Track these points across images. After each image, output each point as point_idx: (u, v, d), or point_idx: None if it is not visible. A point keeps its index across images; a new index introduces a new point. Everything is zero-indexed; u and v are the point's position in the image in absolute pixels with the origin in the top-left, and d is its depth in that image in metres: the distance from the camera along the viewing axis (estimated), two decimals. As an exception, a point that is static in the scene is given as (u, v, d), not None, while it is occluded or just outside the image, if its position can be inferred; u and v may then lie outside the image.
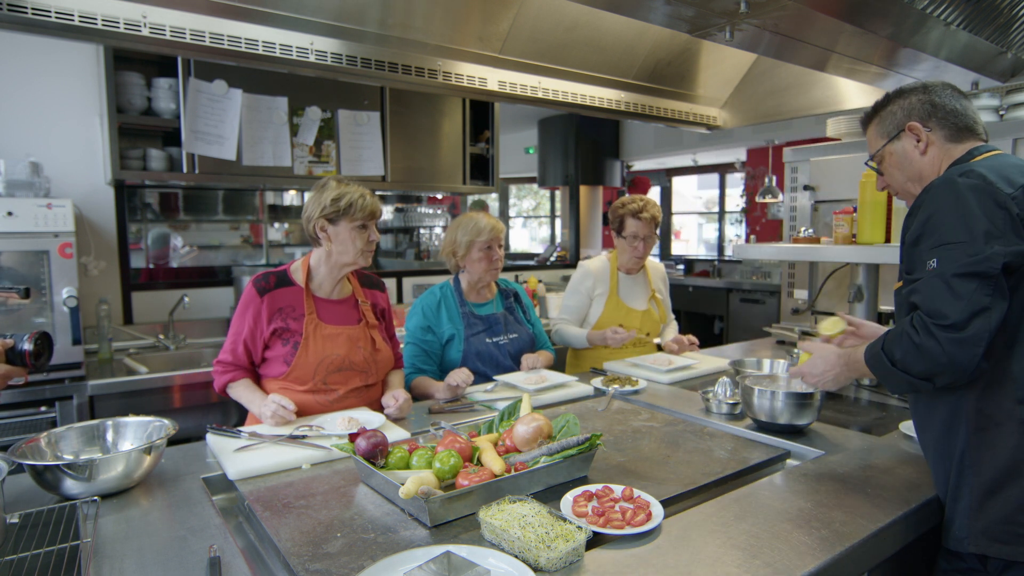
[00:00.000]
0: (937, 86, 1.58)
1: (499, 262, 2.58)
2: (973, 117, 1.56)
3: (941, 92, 1.57)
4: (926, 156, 1.57)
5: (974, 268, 1.32)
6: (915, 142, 1.57)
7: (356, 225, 2.04)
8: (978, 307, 1.31)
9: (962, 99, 1.57)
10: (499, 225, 2.59)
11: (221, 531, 1.32)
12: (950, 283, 1.34)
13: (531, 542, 1.15)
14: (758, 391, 1.90)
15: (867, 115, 1.69)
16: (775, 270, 6.63)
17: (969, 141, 1.54)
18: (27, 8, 1.97)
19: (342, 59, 2.56)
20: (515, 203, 12.67)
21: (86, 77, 3.33)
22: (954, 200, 1.38)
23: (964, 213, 1.36)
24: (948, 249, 1.36)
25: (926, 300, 1.38)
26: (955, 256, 1.35)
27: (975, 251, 1.33)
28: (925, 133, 1.55)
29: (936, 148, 1.56)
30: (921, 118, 1.56)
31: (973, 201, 1.36)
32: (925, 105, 1.56)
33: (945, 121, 1.54)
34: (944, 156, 1.55)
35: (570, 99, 3.29)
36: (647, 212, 2.90)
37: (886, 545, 1.36)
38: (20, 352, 1.54)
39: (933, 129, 1.55)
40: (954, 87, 1.59)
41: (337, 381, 2.08)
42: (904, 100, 1.59)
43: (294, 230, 4.68)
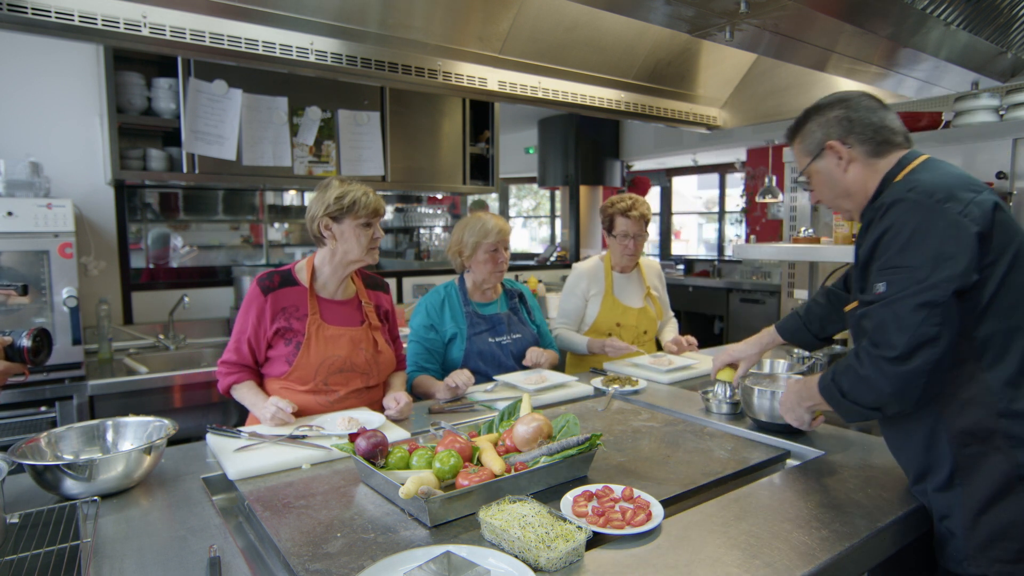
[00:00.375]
0: (854, 99, 1.54)
1: (504, 264, 2.58)
2: (892, 127, 1.52)
3: (858, 106, 1.52)
4: (849, 173, 1.53)
5: (921, 297, 1.29)
6: (837, 160, 1.53)
7: (360, 223, 2.04)
8: (924, 338, 1.28)
9: (880, 110, 1.53)
10: (506, 227, 2.58)
11: (221, 531, 1.32)
12: (897, 312, 1.31)
13: (531, 542, 1.15)
14: (758, 391, 1.89)
15: (789, 131, 1.65)
16: (775, 270, 6.63)
17: (892, 153, 1.51)
18: (27, 8, 1.97)
19: (342, 59, 2.56)
20: (515, 203, 12.67)
21: (86, 77, 3.33)
22: (903, 221, 1.34)
23: (913, 235, 1.33)
24: (896, 273, 1.33)
25: (873, 328, 1.36)
26: (903, 282, 1.32)
27: (923, 277, 1.30)
28: (846, 151, 1.52)
29: (859, 164, 1.52)
30: (839, 136, 1.52)
31: (922, 222, 1.32)
32: (842, 122, 1.52)
33: (864, 136, 1.50)
34: (869, 172, 1.52)
35: (570, 99, 3.29)
36: (636, 210, 2.90)
37: (886, 545, 1.36)
38: (19, 348, 1.54)
39: (853, 146, 1.52)
40: (872, 97, 1.56)
41: (338, 382, 2.08)
42: (821, 117, 1.56)
43: (294, 230, 4.68)
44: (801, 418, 1.69)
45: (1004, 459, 1.31)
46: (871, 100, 1.54)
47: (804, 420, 1.69)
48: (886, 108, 1.54)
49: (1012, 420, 1.30)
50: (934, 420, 1.38)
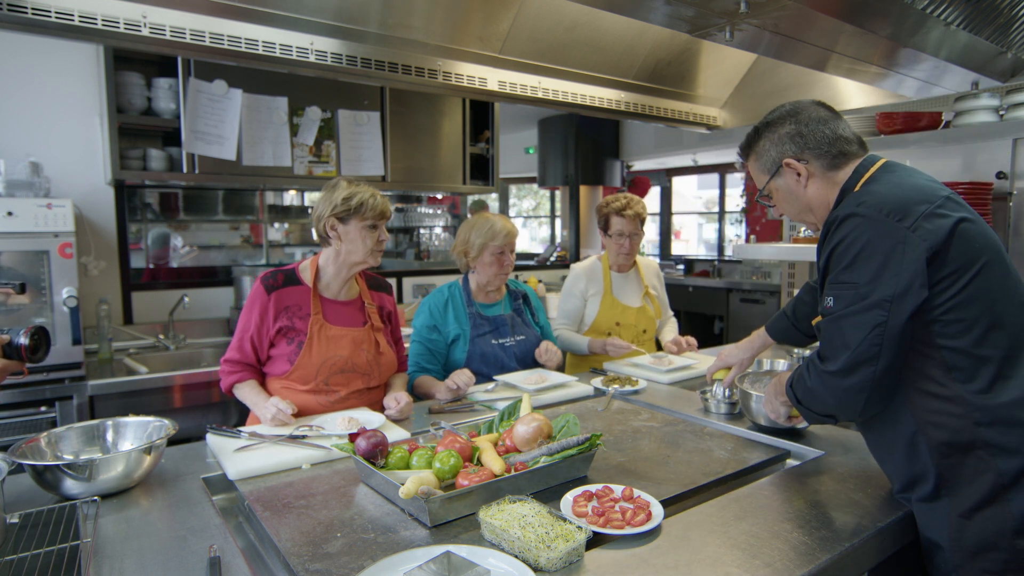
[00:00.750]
0: (804, 112, 1.51)
1: (509, 267, 2.58)
2: (847, 138, 1.49)
3: (808, 119, 1.50)
4: (809, 188, 1.51)
5: (863, 317, 1.29)
6: (796, 176, 1.51)
7: (366, 225, 2.04)
8: (863, 357, 1.29)
9: (832, 120, 1.50)
10: (514, 230, 2.58)
11: (221, 531, 1.32)
12: (840, 327, 1.33)
13: (531, 542, 1.15)
14: (755, 396, 1.87)
15: (743, 148, 1.64)
16: (775, 270, 6.63)
17: (849, 163, 1.49)
18: (27, 8, 1.97)
19: (342, 59, 2.56)
20: (515, 203, 12.67)
21: (86, 77, 3.33)
22: (852, 236, 1.33)
23: (861, 251, 1.32)
24: (842, 289, 1.34)
25: (821, 342, 1.38)
26: (848, 298, 1.32)
27: (865, 294, 1.30)
28: (803, 167, 1.50)
29: (818, 179, 1.50)
30: (794, 153, 1.50)
31: (871, 238, 1.31)
32: (795, 138, 1.50)
33: (819, 151, 1.49)
34: (828, 184, 1.50)
35: (570, 99, 3.29)
36: (631, 209, 2.91)
37: (886, 545, 1.36)
38: (16, 346, 1.54)
39: (809, 161, 1.50)
40: (824, 105, 1.53)
41: (339, 382, 2.08)
42: (773, 134, 1.54)
43: (294, 230, 4.68)
44: (777, 411, 1.72)
45: (986, 468, 1.29)
46: (821, 110, 1.52)
47: (780, 414, 1.72)
48: (837, 116, 1.53)
49: (990, 428, 1.28)
50: (913, 432, 1.36)
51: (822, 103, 1.55)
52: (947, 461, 1.33)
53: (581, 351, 2.93)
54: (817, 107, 1.53)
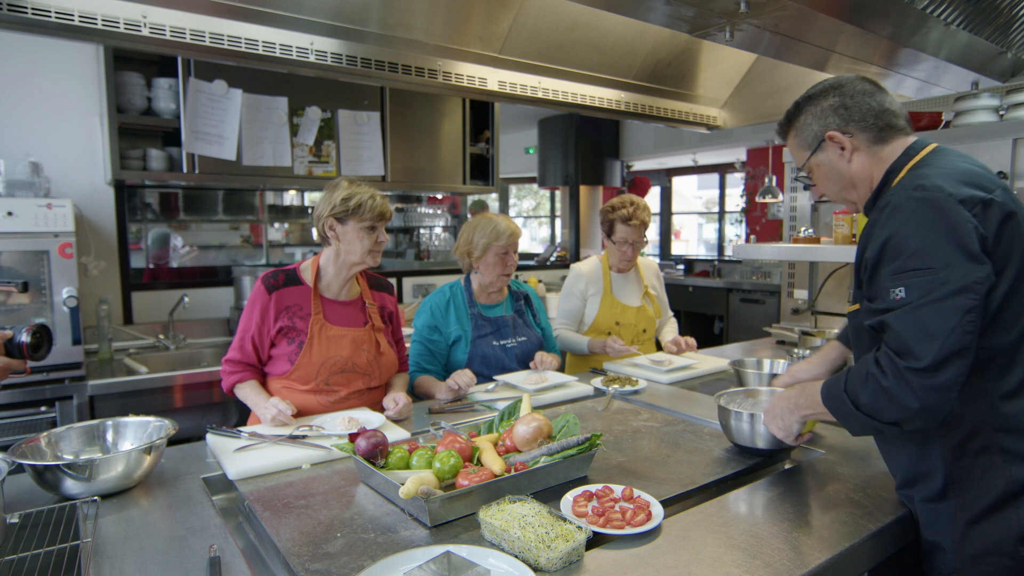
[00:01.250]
0: (849, 84, 1.44)
1: (512, 267, 2.57)
2: (893, 111, 1.42)
3: (854, 91, 1.43)
4: (853, 163, 1.44)
5: (949, 301, 1.18)
6: (839, 151, 1.44)
7: (364, 226, 2.04)
8: (955, 348, 1.18)
9: (878, 93, 1.43)
10: (518, 231, 2.58)
11: (221, 531, 1.32)
12: (923, 319, 1.20)
13: (531, 542, 1.15)
14: (735, 413, 1.70)
15: (781, 125, 1.56)
16: (775, 270, 6.63)
17: (896, 139, 1.42)
18: (27, 8, 1.97)
19: (342, 59, 2.56)
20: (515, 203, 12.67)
21: (86, 77, 3.33)
22: (917, 219, 1.24)
23: (929, 235, 1.22)
24: (917, 277, 1.22)
25: (895, 337, 1.24)
26: (924, 285, 1.20)
27: (947, 278, 1.19)
28: (847, 140, 1.43)
29: (863, 153, 1.43)
30: (838, 125, 1.43)
31: (937, 220, 1.22)
32: (839, 110, 1.43)
33: (864, 123, 1.41)
34: (873, 160, 1.43)
35: (570, 99, 3.29)
36: (637, 218, 2.90)
37: (886, 545, 1.36)
38: (18, 344, 1.54)
39: (854, 134, 1.42)
40: (868, 80, 1.46)
41: (339, 383, 2.08)
42: (815, 107, 1.46)
43: (294, 230, 4.68)
44: (789, 428, 1.54)
45: (999, 474, 1.26)
46: (866, 83, 1.45)
47: (792, 431, 1.55)
48: (883, 91, 1.45)
49: (1010, 435, 1.25)
50: (928, 429, 1.32)
51: (866, 78, 1.47)
52: (959, 462, 1.30)
53: (581, 351, 2.93)
54: (862, 80, 1.45)
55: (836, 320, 3.58)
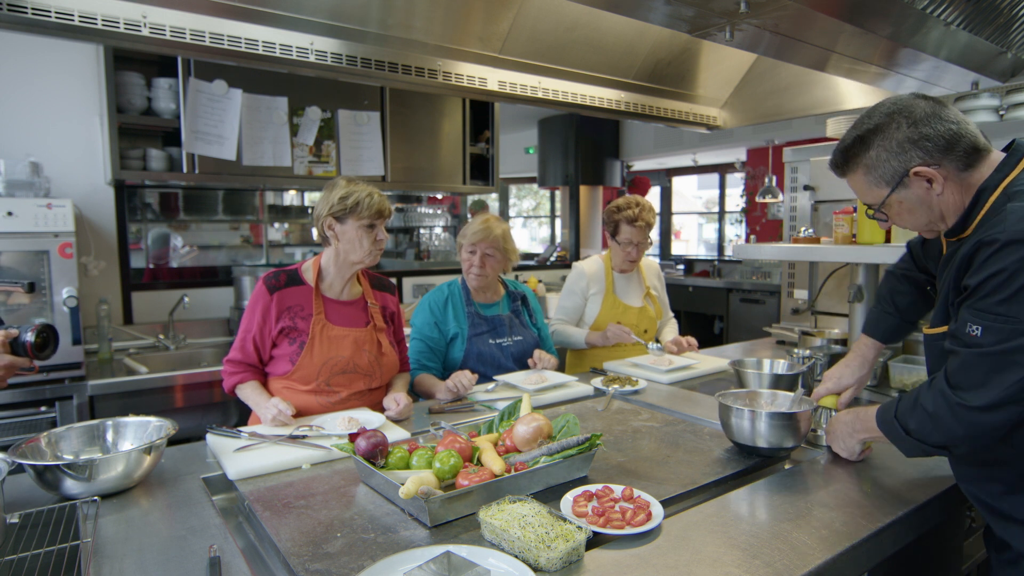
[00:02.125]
0: (916, 110, 1.32)
1: (491, 270, 2.54)
2: (968, 127, 1.31)
3: (925, 116, 1.31)
4: (945, 195, 1.33)
5: (1020, 358, 1.16)
6: (927, 185, 1.33)
7: (363, 224, 2.04)
8: (1015, 398, 1.18)
9: (947, 111, 1.32)
10: (494, 229, 2.52)
11: (221, 531, 1.32)
12: (991, 364, 1.19)
13: (531, 542, 1.15)
14: (735, 411, 1.70)
15: (840, 164, 1.44)
16: (775, 270, 6.63)
17: (984, 159, 1.32)
18: (27, 8, 1.97)
19: (342, 59, 2.56)
20: (515, 203, 12.67)
21: (86, 77, 3.33)
22: (1018, 266, 1.17)
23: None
24: (996, 321, 1.19)
25: (956, 372, 1.24)
26: (1004, 333, 1.18)
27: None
28: (937, 172, 1.31)
29: (954, 183, 1.32)
30: (923, 159, 1.31)
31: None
32: (919, 142, 1.30)
33: (951, 153, 1.30)
34: (963, 188, 1.33)
35: (570, 99, 3.29)
36: (642, 220, 2.91)
37: (886, 545, 1.36)
38: (23, 343, 1.56)
39: (942, 165, 1.31)
40: (930, 100, 1.34)
41: (340, 383, 2.08)
42: (887, 141, 1.34)
43: (294, 230, 4.68)
44: (852, 449, 1.62)
45: None
46: (930, 103, 1.33)
47: (854, 451, 1.63)
48: (947, 106, 1.33)
49: None
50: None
51: (921, 95, 1.36)
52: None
53: (578, 344, 2.93)
54: (922, 99, 1.33)
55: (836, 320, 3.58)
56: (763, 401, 1.86)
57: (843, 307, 3.41)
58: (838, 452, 1.67)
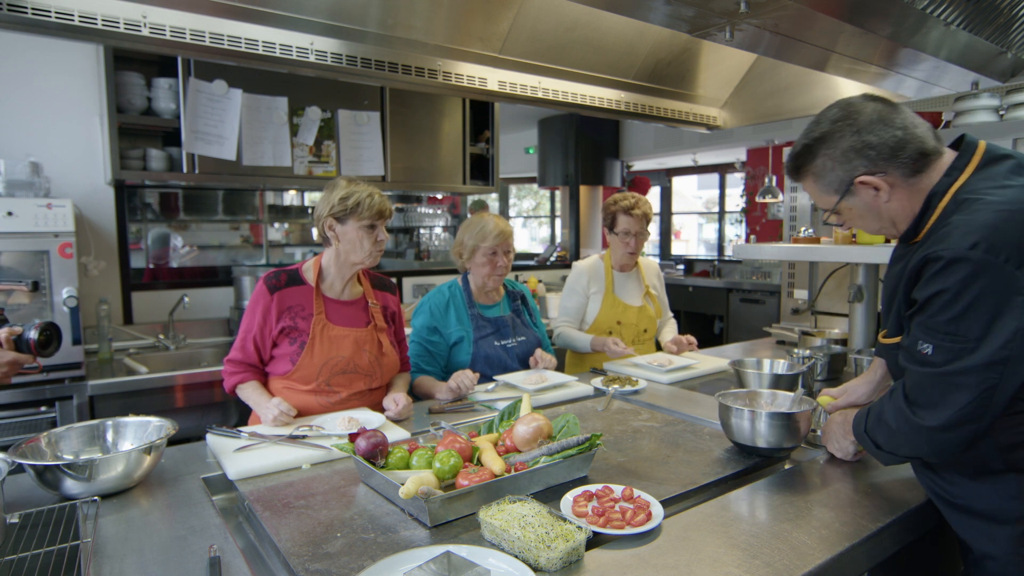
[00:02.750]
0: (861, 117, 1.29)
1: (504, 269, 2.56)
2: (919, 135, 1.28)
3: (870, 123, 1.28)
4: (892, 202, 1.32)
5: (971, 376, 1.15)
6: (874, 192, 1.32)
7: (364, 225, 2.04)
8: (968, 418, 1.18)
9: (894, 116, 1.28)
10: (507, 230, 2.55)
11: (221, 531, 1.32)
12: (941, 384, 1.19)
13: (531, 542, 1.15)
14: (735, 411, 1.70)
15: (791, 168, 1.42)
16: (775, 270, 6.63)
17: (933, 163, 1.29)
18: (27, 8, 1.97)
19: (342, 59, 2.56)
20: (515, 203, 12.67)
21: (86, 77, 3.33)
22: (963, 284, 1.15)
23: (973, 303, 1.14)
24: (946, 340, 1.18)
25: (912, 389, 1.25)
26: (953, 352, 1.17)
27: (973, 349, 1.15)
28: (882, 180, 1.30)
29: (900, 189, 1.31)
30: (867, 168, 1.29)
31: (985, 289, 1.13)
32: (864, 151, 1.28)
33: (895, 160, 1.28)
34: (912, 193, 1.31)
35: (570, 99, 3.29)
36: (639, 208, 2.94)
37: (886, 545, 1.36)
38: (26, 340, 1.58)
39: (888, 172, 1.29)
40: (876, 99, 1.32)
41: (341, 383, 2.08)
42: (832, 149, 1.32)
43: (294, 230, 4.68)
44: (846, 450, 1.64)
45: None
46: (878, 104, 1.30)
47: (848, 452, 1.64)
48: (898, 108, 1.30)
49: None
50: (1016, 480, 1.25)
51: (872, 96, 1.33)
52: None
53: (584, 348, 2.93)
54: (872, 102, 1.31)
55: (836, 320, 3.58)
56: (763, 401, 1.86)
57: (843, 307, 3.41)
58: (833, 452, 1.69)
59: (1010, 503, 1.26)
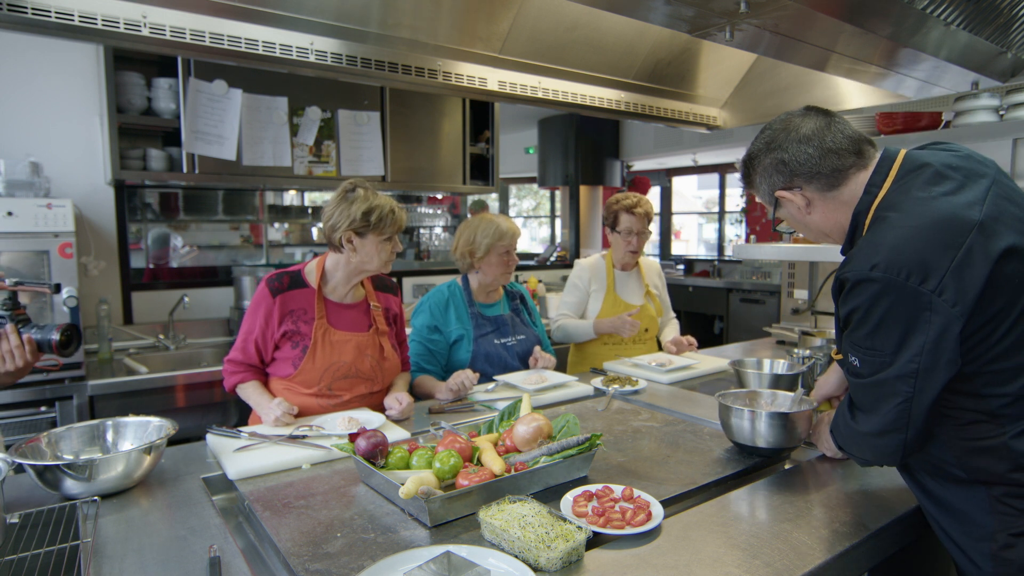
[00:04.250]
0: (782, 132, 1.36)
1: (514, 265, 2.61)
2: (836, 150, 1.31)
3: (787, 141, 1.34)
4: (814, 215, 1.38)
5: (889, 386, 1.21)
6: (796, 206, 1.39)
7: (383, 239, 2.03)
8: (892, 427, 1.23)
9: (817, 134, 1.32)
10: (518, 230, 2.62)
11: (221, 531, 1.32)
12: (868, 394, 1.26)
13: (531, 542, 1.15)
14: (735, 411, 1.71)
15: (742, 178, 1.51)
16: (775, 270, 6.63)
17: (851, 177, 1.32)
18: (27, 8, 1.97)
19: (342, 59, 2.56)
20: (515, 203, 12.67)
21: (86, 77, 3.33)
22: (869, 304, 1.20)
23: (882, 320, 1.19)
24: (866, 354, 1.24)
25: (852, 394, 1.33)
26: (874, 364, 1.23)
27: (889, 363, 1.20)
28: (798, 195, 1.37)
29: (820, 203, 1.36)
30: (784, 183, 1.37)
31: (891, 306, 1.17)
32: (779, 167, 1.36)
33: (808, 175, 1.34)
34: (835, 206, 1.35)
35: (570, 99, 3.29)
36: (640, 207, 2.96)
37: (886, 545, 1.36)
38: (48, 341, 1.66)
39: (803, 187, 1.36)
40: (811, 113, 1.36)
41: (342, 388, 2.08)
42: (758, 166, 1.41)
43: (294, 230, 4.67)
44: (834, 448, 1.65)
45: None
46: (806, 122, 1.35)
47: (838, 451, 1.65)
48: (827, 124, 1.34)
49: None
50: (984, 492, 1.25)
51: (812, 109, 1.39)
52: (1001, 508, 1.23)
53: (586, 335, 2.94)
54: (803, 119, 1.36)
55: (836, 320, 3.58)
56: (763, 401, 1.85)
57: (843, 307, 3.41)
58: (823, 451, 1.70)
59: (984, 517, 1.25)
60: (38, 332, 1.67)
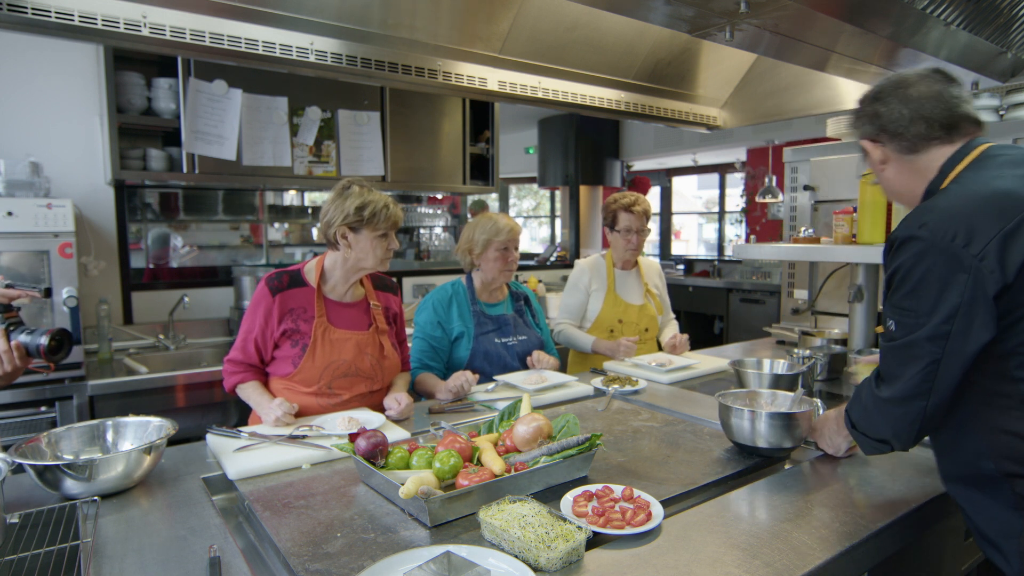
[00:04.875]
0: (888, 88, 1.38)
1: (514, 263, 2.60)
2: (928, 118, 1.32)
3: (890, 98, 1.37)
4: (887, 172, 1.42)
5: (919, 348, 1.22)
6: (876, 159, 1.43)
7: (378, 234, 2.03)
8: (915, 392, 1.24)
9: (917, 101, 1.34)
10: (517, 227, 2.61)
11: (221, 531, 1.32)
12: (898, 356, 1.27)
13: (531, 542, 1.15)
14: (735, 411, 1.71)
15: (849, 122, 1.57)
16: (775, 270, 6.63)
17: (930, 148, 1.34)
18: (27, 8, 1.97)
19: (342, 59, 2.56)
20: (515, 203, 12.67)
21: (86, 77, 3.33)
22: (912, 263, 1.23)
23: (921, 280, 1.22)
24: (903, 315, 1.26)
25: (881, 362, 1.32)
26: (908, 326, 1.24)
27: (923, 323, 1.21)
28: (877, 150, 1.41)
29: (895, 164, 1.40)
30: (870, 134, 1.41)
31: (932, 266, 1.20)
32: (873, 118, 1.39)
33: (892, 132, 1.36)
34: (910, 172, 1.38)
35: (570, 99, 3.29)
36: (639, 205, 2.97)
37: (886, 545, 1.36)
38: (36, 346, 1.61)
39: (885, 144, 1.39)
40: (931, 78, 1.36)
41: (342, 386, 2.08)
42: (860, 110, 1.45)
43: (294, 230, 4.67)
44: (838, 447, 1.65)
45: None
46: (913, 85, 1.35)
47: (840, 448, 1.66)
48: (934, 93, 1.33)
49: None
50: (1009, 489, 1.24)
51: (936, 73, 1.37)
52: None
53: (584, 349, 2.94)
54: (918, 81, 1.36)
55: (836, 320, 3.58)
56: (763, 401, 1.86)
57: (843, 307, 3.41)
58: (824, 449, 1.69)
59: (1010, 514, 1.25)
60: (27, 336, 1.62)
